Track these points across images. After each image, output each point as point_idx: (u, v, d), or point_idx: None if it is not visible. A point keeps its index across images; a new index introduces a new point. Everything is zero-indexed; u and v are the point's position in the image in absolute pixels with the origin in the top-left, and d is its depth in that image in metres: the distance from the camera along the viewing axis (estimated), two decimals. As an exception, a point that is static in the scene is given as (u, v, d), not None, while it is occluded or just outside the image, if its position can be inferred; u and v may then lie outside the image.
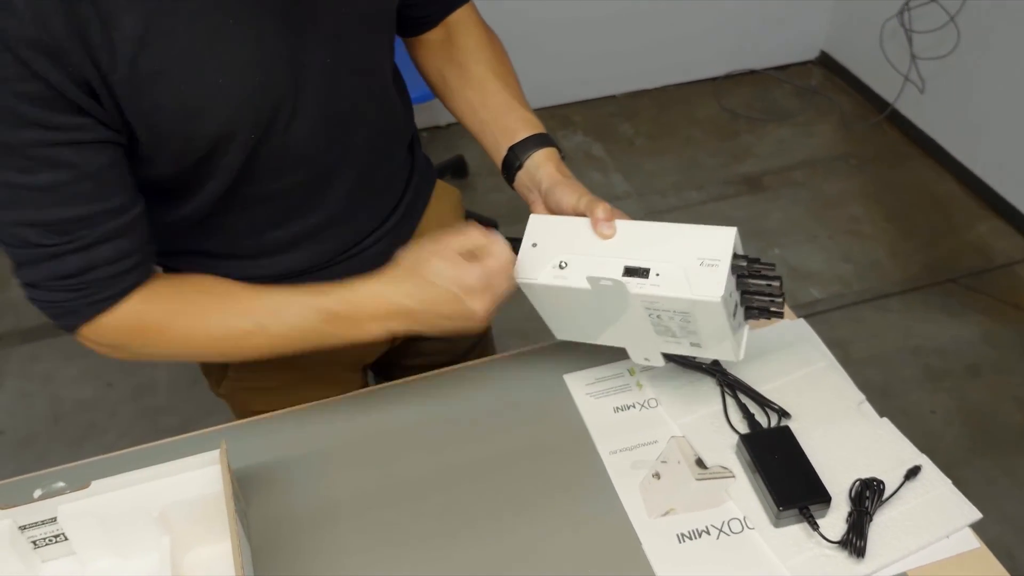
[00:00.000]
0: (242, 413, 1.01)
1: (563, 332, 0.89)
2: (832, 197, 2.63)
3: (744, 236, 0.76)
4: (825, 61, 3.19)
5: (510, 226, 0.87)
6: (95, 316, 0.74)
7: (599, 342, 0.87)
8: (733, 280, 0.76)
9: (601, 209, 0.79)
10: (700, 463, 0.85)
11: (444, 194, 1.08)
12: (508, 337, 2.22)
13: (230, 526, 0.71)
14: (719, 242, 0.75)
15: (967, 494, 0.81)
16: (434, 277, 0.75)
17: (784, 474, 0.81)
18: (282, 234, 0.87)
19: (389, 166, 0.94)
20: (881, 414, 0.89)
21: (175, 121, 0.69)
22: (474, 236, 0.76)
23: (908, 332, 2.18)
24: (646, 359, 0.86)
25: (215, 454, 0.77)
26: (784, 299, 0.79)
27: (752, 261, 0.77)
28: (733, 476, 0.84)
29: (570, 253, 0.80)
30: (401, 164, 0.97)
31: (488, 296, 0.76)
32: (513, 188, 0.90)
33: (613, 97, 3.10)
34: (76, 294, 0.72)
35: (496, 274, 0.76)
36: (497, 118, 0.90)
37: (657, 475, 0.85)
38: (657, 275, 0.75)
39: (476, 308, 0.76)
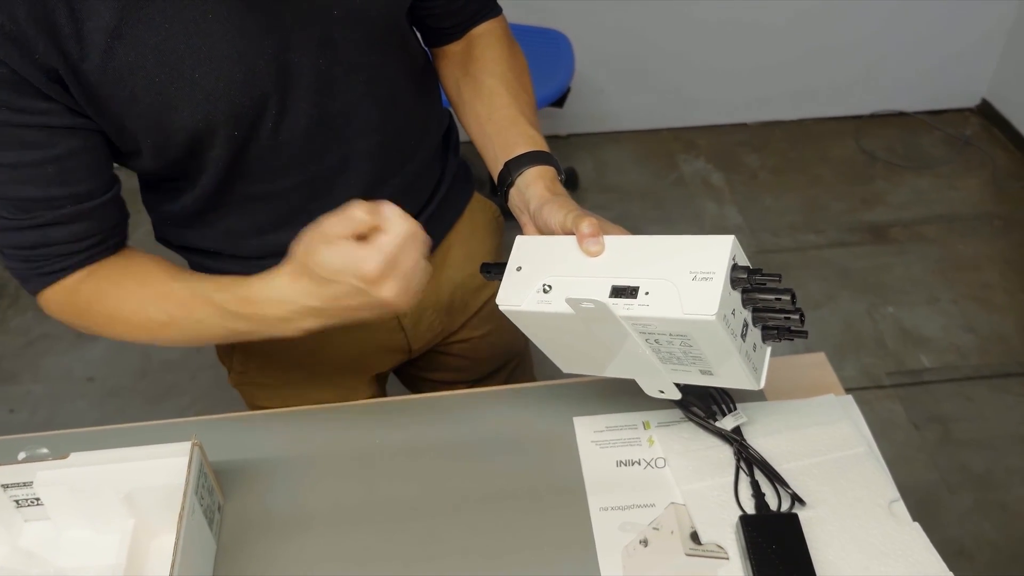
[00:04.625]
0: (250, 407, 1.01)
1: (567, 364, 0.82)
2: (965, 259, 2.42)
3: (857, 289, 0.67)
4: (985, 110, 2.94)
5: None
6: (45, 287, 0.77)
7: (606, 374, 0.80)
8: (737, 296, 0.68)
9: (586, 224, 0.71)
10: (695, 537, 0.79)
11: (480, 208, 1.05)
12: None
13: (177, 524, 0.70)
14: (715, 253, 0.67)
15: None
16: (326, 272, 0.66)
17: (778, 567, 0.73)
18: (286, 237, 0.85)
19: (405, 174, 0.91)
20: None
21: (151, 113, 0.69)
22: (357, 214, 0.65)
23: (1025, 419, 1.98)
24: (660, 391, 0.78)
25: (187, 445, 0.77)
26: (802, 316, 0.69)
27: (753, 272, 0.67)
28: (727, 558, 0.77)
29: (556, 275, 0.73)
30: (422, 173, 0.94)
31: (395, 279, 0.65)
32: (508, 207, 0.85)
33: (744, 125, 2.97)
34: (27, 264, 0.76)
35: (397, 253, 0.65)
36: (500, 131, 0.85)
37: (645, 542, 0.79)
38: (647, 294, 0.67)
39: (384, 295, 0.66)
